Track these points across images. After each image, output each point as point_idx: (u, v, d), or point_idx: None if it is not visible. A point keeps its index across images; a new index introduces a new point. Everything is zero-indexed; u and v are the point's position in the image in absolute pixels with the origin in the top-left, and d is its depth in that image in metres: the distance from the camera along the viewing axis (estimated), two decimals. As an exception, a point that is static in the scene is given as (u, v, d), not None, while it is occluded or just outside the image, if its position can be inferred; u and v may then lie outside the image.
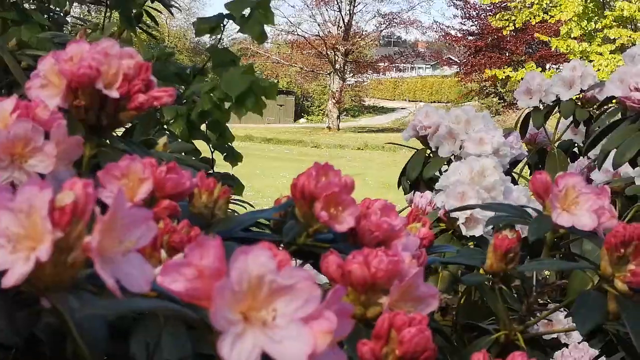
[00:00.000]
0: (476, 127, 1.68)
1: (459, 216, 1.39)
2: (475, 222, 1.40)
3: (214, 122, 2.27)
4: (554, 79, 2.09)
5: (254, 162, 13.13)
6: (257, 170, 13.60)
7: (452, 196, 1.39)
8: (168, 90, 0.85)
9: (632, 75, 1.33)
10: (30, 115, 0.75)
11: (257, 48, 28.45)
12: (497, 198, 1.41)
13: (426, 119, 1.78)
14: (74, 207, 0.49)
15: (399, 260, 0.69)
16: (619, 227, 0.81)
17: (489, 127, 1.68)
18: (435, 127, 1.76)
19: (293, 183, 0.80)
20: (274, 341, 0.45)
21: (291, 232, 0.78)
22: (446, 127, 1.71)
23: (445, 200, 1.40)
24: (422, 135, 1.80)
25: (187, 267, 0.47)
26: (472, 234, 1.40)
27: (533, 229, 0.90)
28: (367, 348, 0.61)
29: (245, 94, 2.08)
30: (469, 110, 1.74)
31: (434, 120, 1.77)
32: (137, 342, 0.59)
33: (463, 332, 1.03)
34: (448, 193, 1.41)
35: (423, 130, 1.79)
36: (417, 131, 1.81)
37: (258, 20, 2.12)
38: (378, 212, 0.81)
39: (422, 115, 1.79)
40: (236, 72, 2.09)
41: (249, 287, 0.45)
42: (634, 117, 1.38)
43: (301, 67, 30.32)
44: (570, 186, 0.92)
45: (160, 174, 0.75)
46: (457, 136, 1.70)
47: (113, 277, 0.48)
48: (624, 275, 0.82)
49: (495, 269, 0.90)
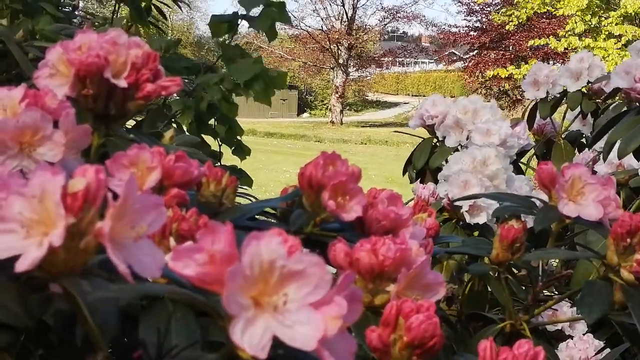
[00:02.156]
0: (483, 117, 1.68)
1: (462, 204, 1.40)
2: (479, 210, 1.41)
3: (222, 115, 2.29)
4: (562, 70, 2.10)
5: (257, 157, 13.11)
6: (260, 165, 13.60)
7: (455, 185, 1.40)
8: (176, 80, 0.86)
9: (637, 67, 1.33)
10: (39, 104, 0.76)
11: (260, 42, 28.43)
12: (500, 186, 1.41)
13: (433, 108, 1.78)
14: (86, 193, 0.49)
15: (406, 249, 0.69)
16: (625, 216, 0.81)
17: (496, 118, 1.68)
18: (442, 117, 1.76)
19: (300, 172, 0.80)
20: (285, 326, 0.46)
21: (298, 221, 0.78)
22: (453, 117, 1.71)
23: (449, 189, 1.40)
24: (429, 124, 1.80)
25: (198, 252, 0.47)
26: (476, 221, 1.41)
27: (539, 219, 0.90)
28: (375, 335, 0.61)
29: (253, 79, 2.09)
30: (476, 100, 1.74)
31: (441, 110, 1.77)
32: (146, 328, 0.59)
33: (468, 321, 1.03)
34: (451, 182, 1.41)
35: (430, 120, 1.79)
36: (424, 120, 1.81)
37: (271, 17, 2.13)
38: (385, 201, 0.82)
39: (429, 104, 1.79)
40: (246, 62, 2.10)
41: (260, 272, 0.46)
42: (639, 109, 1.38)
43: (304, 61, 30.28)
44: (577, 176, 0.92)
45: (169, 162, 0.75)
46: (464, 126, 1.70)
47: (125, 262, 0.48)
48: (630, 265, 0.82)
49: (501, 258, 0.91)
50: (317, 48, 29.67)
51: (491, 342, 0.69)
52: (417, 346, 0.61)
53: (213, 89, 2.18)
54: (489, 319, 0.97)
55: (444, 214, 1.48)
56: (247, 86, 2.17)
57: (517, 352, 0.68)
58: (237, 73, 2.16)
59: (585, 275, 1.19)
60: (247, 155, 2.47)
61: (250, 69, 2.15)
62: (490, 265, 0.91)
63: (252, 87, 2.18)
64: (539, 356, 0.68)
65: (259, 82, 2.18)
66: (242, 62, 2.12)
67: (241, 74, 2.15)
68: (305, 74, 31.24)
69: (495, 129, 1.65)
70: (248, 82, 2.16)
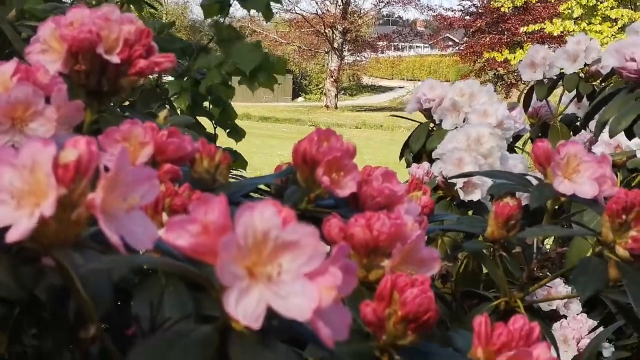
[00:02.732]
0: (480, 100, 1.68)
1: (457, 181, 1.40)
2: (474, 187, 1.41)
3: (217, 97, 2.28)
4: (559, 52, 2.09)
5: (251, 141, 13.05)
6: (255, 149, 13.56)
7: (449, 162, 1.40)
8: (169, 56, 0.85)
9: (628, 46, 1.32)
10: (31, 79, 0.75)
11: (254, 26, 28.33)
12: (494, 164, 1.42)
13: (430, 91, 1.79)
14: (78, 164, 0.49)
15: (401, 224, 0.69)
16: (620, 193, 0.81)
17: (492, 101, 1.68)
18: (439, 100, 1.76)
19: (294, 148, 0.80)
20: (279, 297, 0.45)
21: (292, 197, 0.78)
22: (450, 99, 1.71)
23: (443, 166, 1.41)
24: (426, 108, 1.80)
25: (191, 223, 0.47)
26: (470, 198, 1.41)
27: (535, 196, 0.90)
28: (370, 309, 0.61)
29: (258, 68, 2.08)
30: (473, 83, 1.75)
31: (438, 93, 1.77)
32: (139, 302, 0.59)
33: (463, 299, 1.03)
34: (445, 159, 1.41)
35: (427, 103, 1.79)
36: (421, 104, 1.81)
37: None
38: (379, 178, 0.81)
39: (427, 87, 1.80)
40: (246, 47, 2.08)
41: (254, 242, 0.45)
42: (630, 87, 1.38)
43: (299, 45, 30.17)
44: (572, 154, 0.91)
45: (162, 137, 0.75)
46: (460, 109, 1.71)
47: (117, 233, 0.48)
48: (625, 242, 0.82)
49: (496, 236, 0.91)
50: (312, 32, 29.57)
51: (486, 317, 0.69)
52: (412, 320, 0.61)
53: (213, 72, 2.16)
54: (484, 296, 0.97)
55: (438, 192, 1.49)
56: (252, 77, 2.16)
57: (512, 328, 0.68)
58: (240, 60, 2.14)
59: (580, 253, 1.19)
60: (242, 137, 2.46)
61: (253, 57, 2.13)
62: (485, 242, 0.91)
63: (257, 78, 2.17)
64: (534, 332, 0.68)
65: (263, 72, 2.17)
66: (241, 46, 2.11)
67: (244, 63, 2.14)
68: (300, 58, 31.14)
69: (492, 111, 1.65)
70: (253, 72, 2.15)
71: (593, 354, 1.34)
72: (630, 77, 1.34)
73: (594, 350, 1.33)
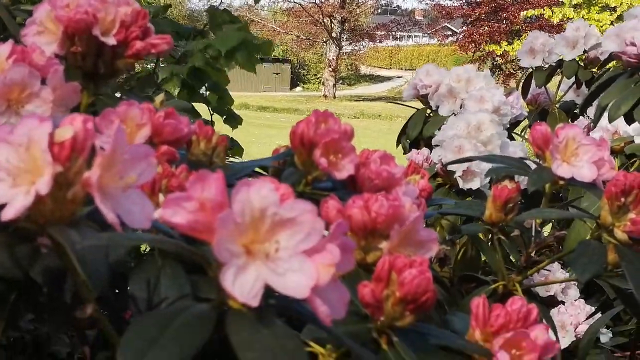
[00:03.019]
0: (477, 86, 1.68)
1: (456, 169, 1.40)
2: (473, 175, 1.41)
3: (213, 84, 2.27)
4: (558, 38, 2.09)
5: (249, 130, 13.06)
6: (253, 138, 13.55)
7: (449, 150, 1.39)
8: (166, 38, 0.84)
9: (628, 30, 1.32)
10: (27, 61, 0.74)
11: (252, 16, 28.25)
12: (494, 152, 1.41)
13: (427, 77, 1.78)
14: (74, 142, 0.49)
15: (399, 205, 0.68)
16: (619, 175, 0.81)
17: (489, 86, 1.67)
18: (436, 86, 1.76)
19: (292, 130, 0.79)
20: (276, 274, 0.45)
21: (290, 180, 0.78)
22: (447, 85, 1.71)
23: (442, 153, 1.40)
24: (423, 94, 1.80)
25: (188, 200, 0.46)
26: (469, 186, 1.41)
27: (533, 179, 0.89)
28: (368, 290, 0.61)
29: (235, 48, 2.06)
30: (470, 69, 1.74)
31: (435, 79, 1.76)
32: (135, 284, 0.59)
33: (461, 283, 1.03)
34: (445, 147, 1.40)
35: (424, 89, 1.79)
36: (418, 90, 1.81)
37: None
38: (377, 160, 0.81)
39: (423, 73, 1.79)
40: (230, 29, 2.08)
41: (251, 219, 0.45)
42: (630, 72, 1.37)
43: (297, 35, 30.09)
44: (571, 137, 0.91)
45: (158, 119, 0.74)
46: (457, 95, 1.70)
47: (113, 212, 0.47)
48: (624, 225, 0.82)
49: (494, 219, 0.90)
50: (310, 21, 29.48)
51: (484, 299, 0.68)
52: (410, 301, 0.60)
53: (197, 55, 2.16)
54: (482, 280, 0.97)
55: (437, 179, 1.48)
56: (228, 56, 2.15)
57: (510, 309, 0.68)
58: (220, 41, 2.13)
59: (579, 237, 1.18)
60: (238, 124, 2.45)
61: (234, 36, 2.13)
62: (483, 226, 0.91)
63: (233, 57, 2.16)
64: (531, 313, 0.68)
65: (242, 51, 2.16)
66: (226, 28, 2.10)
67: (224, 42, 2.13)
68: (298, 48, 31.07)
69: (488, 96, 1.64)
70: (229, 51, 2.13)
71: (591, 339, 1.33)
72: (630, 61, 1.33)
73: (592, 336, 1.33)
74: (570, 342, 1.52)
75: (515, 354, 0.65)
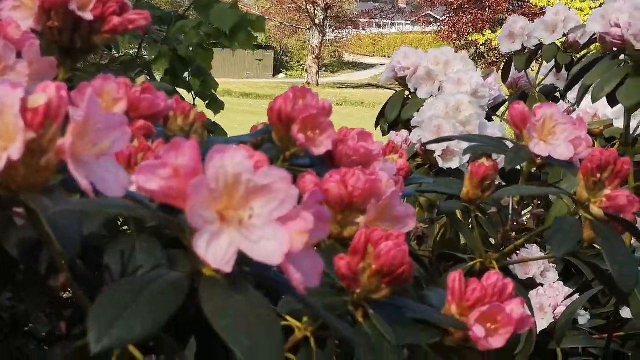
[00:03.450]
0: (455, 68, 1.68)
1: (435, 149, 1.40)
2: (452, 155, 1.41)
3: (197, 68, 2.26)
4: (537, 22, 2.09)
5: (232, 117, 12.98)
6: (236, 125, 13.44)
7: (428, 130, 1.40)
8: (143, 14, 0.84)
9: (613, 11, 1.32)
10: (2, 34, 0.74)
11: (235, 1, 28.10)
12: (473, 132, 1.42)
13: (405, 60, 1.78)
14: (47, 109, 0.48)
15: (376, 180, 0.68)
16: (595, 152, 0.81)
17: (467, 69, 1.68)
18: (414, 68, 1.76)
19: (270, 106, 0.79)
20: (250, 241, 0.45)
21: (267, 155, 0.77)
22: (425, 68, 1.71)
23: (422, 134, 1.40)
24: (401, 76, 1.80)
25: (162, 167, 0.46)
26: (449, 166, 1.41)
27: (510, 157, 0.90)
28: (344, 263, 0.61)
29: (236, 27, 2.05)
30: (448, 51, 1.74)
31: (413, 61, 1.76)
32: (111, 254, 0.58)
33: (439, 262, 1.03)
34: (424, 127, 1.41)
35: (402, 72, 1.79)
36: (396, 72, 1.81)
37: None
38: (355, 137, 0.81)
39: (401, 56, 1.79)
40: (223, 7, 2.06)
41: (225, 186, 0.45)
42: (614, 54, 1.38)
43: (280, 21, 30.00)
44: (548, 116, 0.91)
45: (135, 94, 0.74)
46: (435, 77, 1.70)
47: (87, 179, 0.47)
48: (599, 201, 0.83)
49: (472, 196, 0.91)
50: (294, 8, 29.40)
51: (460, 274, 0.69)
52: (386, 274, 0.61)
53: (190, 34, 2.14)
54: (460, 258, 0.97)
55: (416, 160, 1.49)
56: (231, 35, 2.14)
57: (485, 284, 0.68)
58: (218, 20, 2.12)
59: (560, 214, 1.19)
60: (221, 108, 2.44)
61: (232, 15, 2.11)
62: (461, 203, 0.91)
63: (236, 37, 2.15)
64: (507, 288, 0.68)
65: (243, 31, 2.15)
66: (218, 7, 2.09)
67: (223, 21, 2.11)
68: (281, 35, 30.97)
69: (466, 79, 1.65)
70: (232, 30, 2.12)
71: (569, 320, 1.35)
72: (614, 42, 1.34)
73: (569, 317, 1.34)
74: (548, 323, 1.53)
75: (490, 327, 0.66)
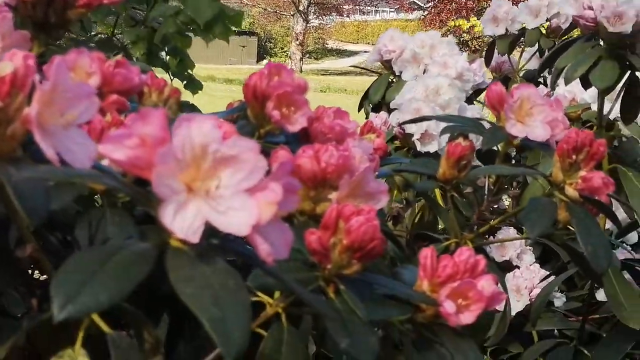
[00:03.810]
0: (441, 52, 1.68)
1: (414, 132, 1.40)
2: (430, 138, 1.41)
3: (173, 48, 2.24)
4: (521, 7, 2.10)
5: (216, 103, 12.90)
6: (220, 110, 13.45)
7: (407, 112, 1.40)
8: (119, -12, 0.83)
9: (586, -7, 1.32)
10: (-27, 7, 0.73)
11: (219, -13, 27.94)
12: (452, 115, 1.42)
13: (391, 42, 1.78)
14: (14, 78, 0.48)
15: (349, 156, 0.68)
16: (571, 132, 0.81)
17: (453, 52, 1.68)
18: (399, 51, 1.76)
19: (245, 83, 0.79)
20: (217, 211, 0.45)
21: (241, 132, 0.77)
22: (411, 51, 1.71)
23: (401, 116, 1.40)
24: (387, 59, 1.80)
25: (129, 136, 0.46)
26: (427, 149, 1.41)
27: (487, 138, 0.90)
28: (315, 237, 0.61)
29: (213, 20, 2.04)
30: (434, 35, 1.74)
31: (399, 44, 1.76)
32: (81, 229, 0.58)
33: (415, 242, 1.03)
34: (403, 109, 1.41)
35: (388, 54, 1.78)
36: (382, 55, 1.80)
37: None
38: (331, 115, 0.81)
39: (387, 39, 1.79)
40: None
41: (192, 155, 0.44)
42: (587, 36, 1.38)
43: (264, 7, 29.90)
44: (525, 97, 0.91)
45: (108, 68, 0.73)
46: (421, 60, 1.70)
47: (53, 149, 0.47)
48: (575, 182, 0.83)
49: (448, 176, 0.90)
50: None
51: (432, 250, 0.69)
52: (357, 249, 0.60)
53: (168, 21, 2.13)
54: (435, 239, 0.97)
55: (395, 142, 1.49)
56: (207, 28, 2.12)
57: (457, 260, 0.68)
58: (195, 11, 2.10)
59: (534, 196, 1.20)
60: (199, 89, 2.43)
61: (210, 7, 2.10)
62: (437, 182, 0.91)
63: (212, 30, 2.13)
64: (479, 264, 0.68)
65: (219, 24, 2.13)
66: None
67: (200, 13, 2.10)
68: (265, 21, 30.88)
69: (452, 62, 1.65)
70: (208, 24, 2.11)
71: (543, 302, 1.35)
72: (587, 25, 1.34)
73: (544, 299, 1.35)
74: (524, 305, 1.54)
75: (461, 303, 0.66)
